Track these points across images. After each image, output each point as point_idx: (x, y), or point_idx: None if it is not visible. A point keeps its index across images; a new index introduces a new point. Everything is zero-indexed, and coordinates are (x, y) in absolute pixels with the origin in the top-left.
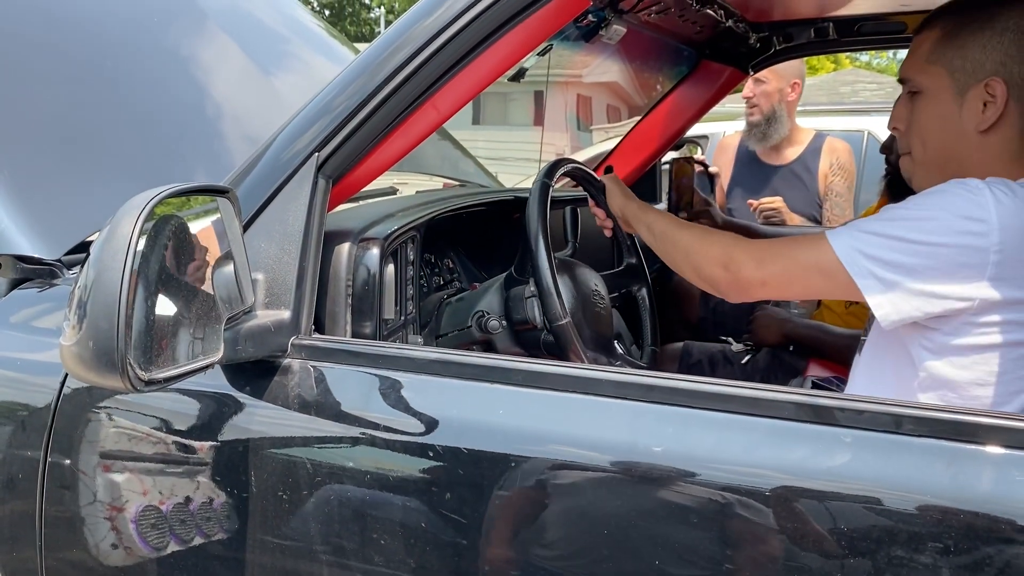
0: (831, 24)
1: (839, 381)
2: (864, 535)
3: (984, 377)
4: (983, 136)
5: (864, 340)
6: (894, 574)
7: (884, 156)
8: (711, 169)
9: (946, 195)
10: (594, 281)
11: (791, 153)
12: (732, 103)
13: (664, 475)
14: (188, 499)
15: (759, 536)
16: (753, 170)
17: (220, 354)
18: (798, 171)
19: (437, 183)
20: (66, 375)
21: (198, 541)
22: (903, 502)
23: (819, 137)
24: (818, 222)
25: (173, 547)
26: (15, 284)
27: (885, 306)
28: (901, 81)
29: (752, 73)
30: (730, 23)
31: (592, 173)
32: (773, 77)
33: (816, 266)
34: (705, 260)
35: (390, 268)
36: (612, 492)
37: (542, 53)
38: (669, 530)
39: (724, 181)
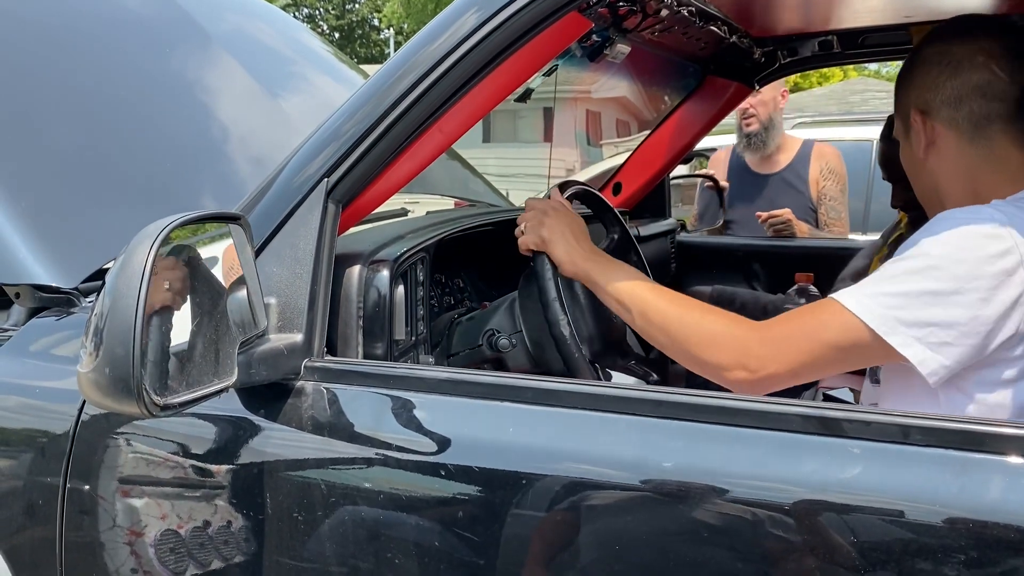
0: (835, 37)
1: (852, 392)
2: (874, 546)
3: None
4: (930, 160)
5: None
6: None
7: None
8: (721, 183)
9: (961, 231)
10: None
11: (782, 160)
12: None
13: (674, 490)
14: (205, 522)
15: (770, 549)
16: (746, 181)
17: (234, 378)
18: (790, 178)
19: (448, 203)
20: (84, 402)
21: (216, 564)
22: (912, 512)
23: (807, 144)
24: (814, 226)
25: (192, 571)
26: (33, 313)
27: (935, 368)
28: None
29: (758, 88)
30: (734, 39)
31: (598, 194)
32: (767, 86)
33: (847, 343)
34: (716, 360)
35: (400, 289)
36: (623, 508)
37: (548, 73)
38: (680, 545)
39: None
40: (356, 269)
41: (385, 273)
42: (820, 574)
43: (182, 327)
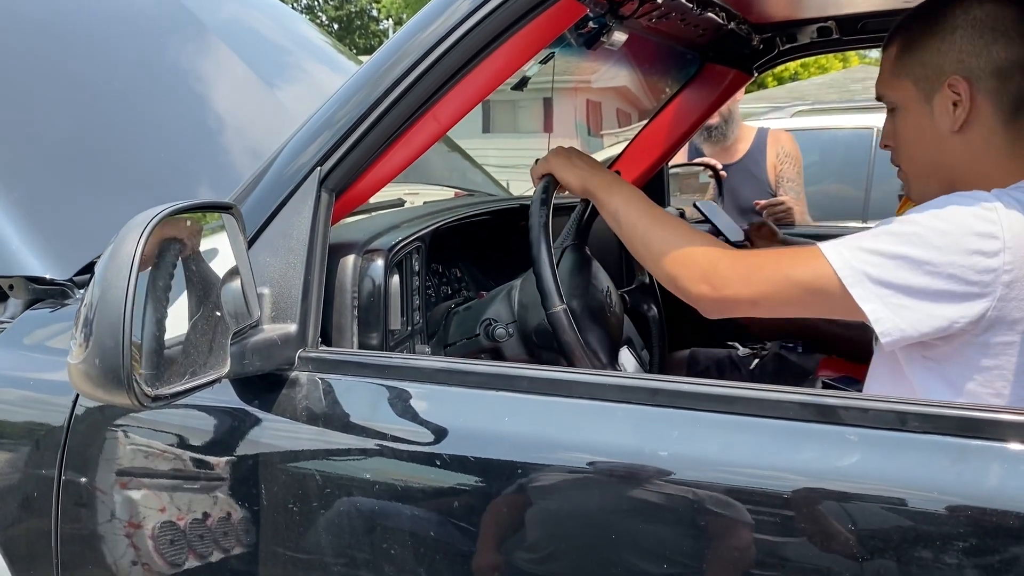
0: (834, 23)
1: (851, 381)
2: (871, 534)
3: (985, 398)
4: (960, 136)
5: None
6: (903, 571)
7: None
8: (721, 173)
9: (955, 209)
10: (607, 282)
11: (740, 150)
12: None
13: (670, 479)
14: (198, 514)
15: (767, 537)
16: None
17: (227, 368)
18: (748, 166)
19: (448, 194)
20: (78, 394)
21: (210, 555)
22: (910, 500)
23: (762, 131)
24: None
25: (186, 562)
26: (28, 305)
27: (888, 328)
28: (878, 99)
29: (756, 75)
30: (732, 25)
31: None
32: None
33: (814, 285)
34: (685, 272)
35: (395, 279)
36: (619, 497)
37: (544, 61)
38: (677, 534)
39: None
40: (351, 259)
41: (380, 262)
42: (818, 562)
43: (174, 317)
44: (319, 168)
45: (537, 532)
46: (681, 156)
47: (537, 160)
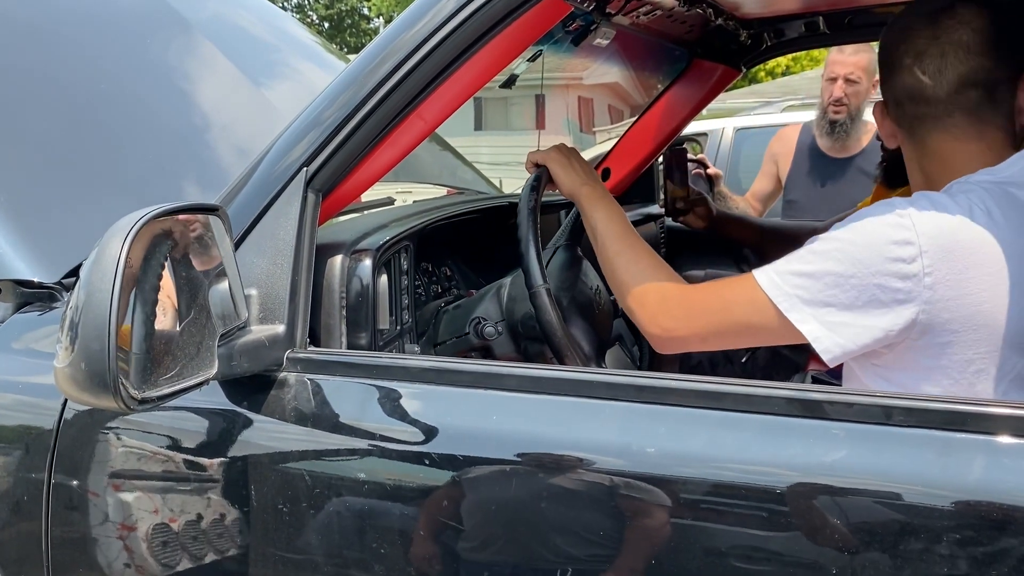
0: (821, 18)
1: (840, 376)
2: (858, 528)
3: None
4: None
5: None
6: (891, 565)
7: (880, 144)
8: (710, 170)
9: (870, 220)
10: (597, 281)
11: (854, 146)
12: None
13: (658, 476)
14: (189, 516)
15: (755, 532)
16: (817, 163)
17: (214, 370)
18: (862, 165)
19: (437, 192)
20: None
21: (199, 557)
22: (896, 493)
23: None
24: None
25: (176, 564)
26: (16, 308)
27: (828, 345)
28: None
29: (745, 70)
30: (720, 21)
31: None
32: (864, 76)
33: (752, 317)
34: (639, 311)
35: (383, 279)
36: (607, 494)
37: (532, 59)
38: (665, 531)
39: (783, 171)
40: (338, 259)
41: (367, 262)
42: (806, 557)
43: (161, 320)
44: (305, 169)
45: (526, 531)
46: (788, 157)
47: (537, 149)
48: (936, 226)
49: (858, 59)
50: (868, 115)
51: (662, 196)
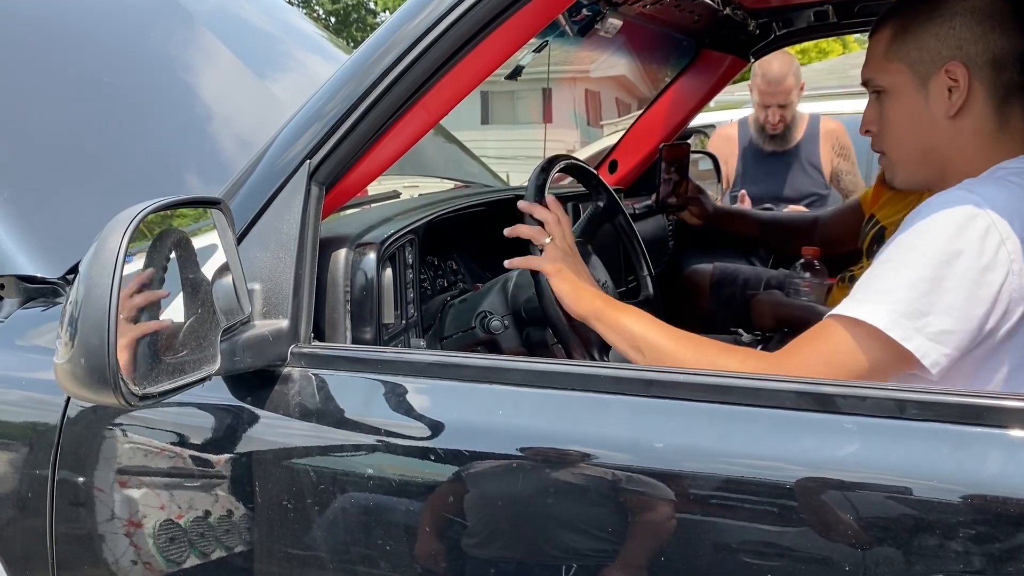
0: (830, 7)
1: None
2: (871, 523)
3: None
4: (954, 121)
5: None
6: (903, 560)
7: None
8: (730, 161)
9: (934, 215)
10: (605, 276)
11: (793, 138)
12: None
13: (667, 471)
14: (194, 512)
15: (766, 527)
16: (758, 159)
17: (217, 365)
18: (802, 156)
19: (448, 186)
20: None
21: (203, 554)
22: (909, 488)
23: (814, 119)
24: (824, 199)
25: (181, 560)
26: (20, 304)
27: (936, 357)
28: (864, 84)
29: (753, 60)
30: (728, 11)
31: (591, 169)
32: (793, 93)
33: (862, 354)
34: None
35: (388, 272)
36: (615, 489)
37: (538, 50)
38: (674, 526)
39: (729, 171)
40: (342, 252)
41: (372, 256)
42: (817, 552)
43: (163, 314)
44: (308, 161)
45: (533, 526)
46: (733, 157)
47: (544, 241)
48: (1011, 212)
49: (786, 85)
50: (800, 109)
51: (655, 193)
